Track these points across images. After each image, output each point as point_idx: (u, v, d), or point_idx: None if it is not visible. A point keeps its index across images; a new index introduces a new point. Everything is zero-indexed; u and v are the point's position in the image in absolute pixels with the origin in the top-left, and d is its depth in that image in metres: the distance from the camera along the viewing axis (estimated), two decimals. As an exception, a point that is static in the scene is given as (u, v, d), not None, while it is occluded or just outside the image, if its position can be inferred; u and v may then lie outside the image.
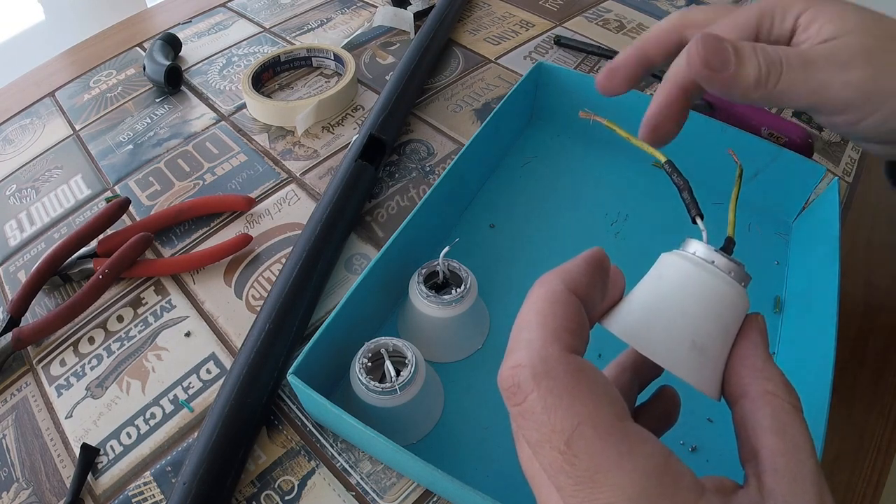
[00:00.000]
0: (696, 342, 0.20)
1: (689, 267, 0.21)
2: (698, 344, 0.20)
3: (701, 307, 0.20)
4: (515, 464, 0.33)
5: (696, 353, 0.20)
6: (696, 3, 0.71)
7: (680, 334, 0.20)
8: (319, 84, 0.60)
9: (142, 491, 0.33)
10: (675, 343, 0.20)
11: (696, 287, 0.20)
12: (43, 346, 0.40)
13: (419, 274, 0.36)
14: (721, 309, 0.20)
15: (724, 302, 0.20)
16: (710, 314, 0.20)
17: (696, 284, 0.20)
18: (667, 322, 0.20)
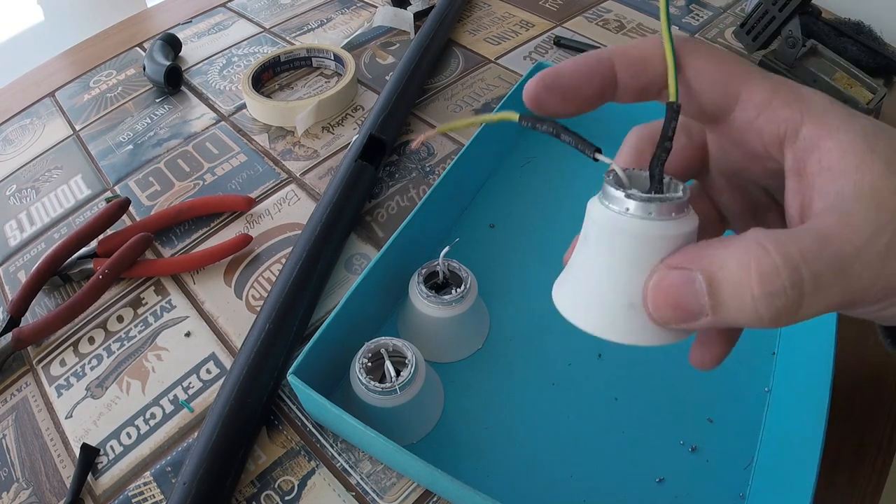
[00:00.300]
0: (633, 303, 0.19)
1: (606, 224, 0.19)
2: (636, 304, 0.19)
3: (628, 267, 0.19)
4: (515, 464, 0.33)
5: (635, 314, 0.19)
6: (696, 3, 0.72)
7: (614, 301, 0.19)
8: (319, 84, 0.60)
9: (142, 491, 0.33)
10: (612, 312, 0.19)
11: (617, 248, 0.19)
12: (43, 346, 0.40)
13: (419, 274, 0.36)
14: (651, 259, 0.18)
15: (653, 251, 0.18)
16: (641, 270, 0.18)
17: (617, 245, 0.19)
18: (599, 292, 0.19)
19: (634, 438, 0.34)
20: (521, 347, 0.38)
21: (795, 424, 0.31)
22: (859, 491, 0.33)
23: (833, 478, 0.34)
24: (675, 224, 0.18)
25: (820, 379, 0.31)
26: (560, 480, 0.33)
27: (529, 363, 0.37)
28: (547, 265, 0.43)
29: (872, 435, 0.36)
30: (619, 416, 0.35)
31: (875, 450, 0.35)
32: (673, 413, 0.35)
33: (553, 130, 0.20)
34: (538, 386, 0.36)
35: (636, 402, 0.36)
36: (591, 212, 0.20)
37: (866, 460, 0.35)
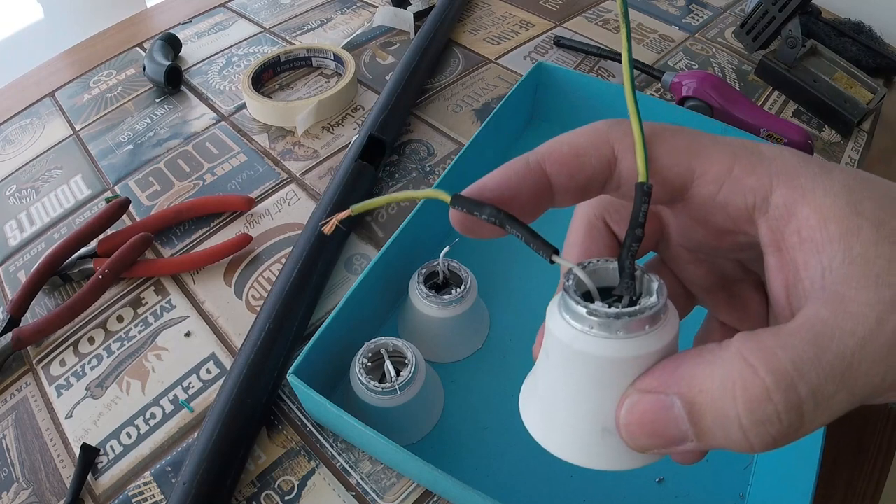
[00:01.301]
0: (606, 429, 0.16)
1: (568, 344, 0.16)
2: (610, 429, 0.16)
3: (598, 390, 0.16)
4: (515, 464, 0.33)
5: (610, 440, 0.17)
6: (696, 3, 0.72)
7: (586, 427, 0.17)
8: (319, 84, 0.60)
9: (142, 491, 0.33)
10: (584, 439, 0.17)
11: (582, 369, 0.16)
12: (43, 346, 0.40)
13: (419, 274, 0.36)
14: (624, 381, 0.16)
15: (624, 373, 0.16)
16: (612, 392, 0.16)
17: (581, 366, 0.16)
18: (568, 418, 0.17)
19: (634, 438, 0.34)
20: (521, 347, 0.38)
21: (795, 424, 0.31)
22: (859, 491, 0.33)
23: (833, 478, 0.34)
24: (647, 340, 0.15)
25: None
26: (560, 480, 0.33)
27: (529, 363, 0.37)
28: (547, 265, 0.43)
29: (872, 435, 0.36)
30: (619, 416, 0.35)
31: (875, 450, 0.35)
32: (673, 413, 0.35)
33: (496, 219, 0.17)
34: (538, 386, 0.36)
35: (636, 402, 0.36)
36: (549, 325, 0.17)
37: (866, 460, 0.35)
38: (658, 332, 0.16)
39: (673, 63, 0.62)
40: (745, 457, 0.33)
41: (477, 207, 0.18)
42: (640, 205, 0.17)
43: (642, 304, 0.16)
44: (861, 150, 0.54)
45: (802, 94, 0.57)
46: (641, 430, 0.16)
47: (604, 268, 0.17)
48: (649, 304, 0.15)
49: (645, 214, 0.17)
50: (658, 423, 0.15)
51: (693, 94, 0.52)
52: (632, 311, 0.15)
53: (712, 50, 0.64)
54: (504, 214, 0.17)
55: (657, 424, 0.15)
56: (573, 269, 0.17)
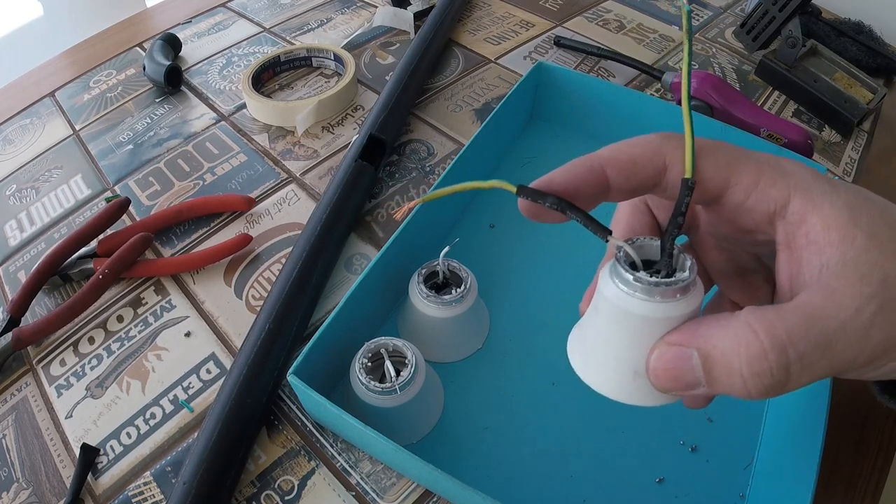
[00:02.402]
0: (637, 371, 0.21)
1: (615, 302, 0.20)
2: (640, 372, 0.21)
3: (633, 341, 0.20)
4: (515, 464, 0.33)
5: (640, 381, 0.21)
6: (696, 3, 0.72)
7: (622, 369, 0.21)
8: (319, 84, 0.60)
9: (142, 491, 0.33)
10: (620, 378, 0.21)
11: (624, 323, 0.20)
12: (43, 346, 0.40)
13: (419, 274, 0.36)
14: (654, 335, 0.20)
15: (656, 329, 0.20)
16: (645, 344, 0.20)
17: (625, 321, 0.20)
18: (608, 361, 0.21)
19: (634, 438, 0.34)
20: (521, 347, 0.38)
21: (795, 424, 0.31)
22: (859, 491, 0.33)
23: (833, 478, 0.34)
24: (678, 305, 0.20)
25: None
26: (560, 480, 0.33)
27: (529, 363, 0.37)
28: (547, 265, 0.43)
29: (872, 435, 0.36)
30: (619, 416, 0.35)
31: (875, 450, 0.35)
32: (673, 413, 0.35)
33: (558, 206, 0.21)
34: (538, 386, 0.36)
35: (636, 402, 0.36)
36: (601, 287, 0.21)
37: (866, 460, 0.35)
38: (686, 300, 0.20)
39: (673, 63, 0.62)
40: (746, 457, 0.33)
41: (541, 197, 0.21)
42: (684, 198, 0.21)
43: (677, 276, 0.20)
44: (861, 150, 0.54)
45: (802, 94, 0.57)
46: (665, 374, 0.20)
47: (647, 244, 0.21)
48: (682, 278, 0.20)
49: (687, 206, 0.21)
50: (679, 369, 0.19)
51: (693, 94, 0.52)
52: (668, 281, 0.19)
53: (712, 50, 0.64)
54: (565, 202, 0.21)
55: (678, 371, 0.19)
56: (624, 247, 0.21)
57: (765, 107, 0.56)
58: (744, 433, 0.34)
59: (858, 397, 0.37)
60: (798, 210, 0.21)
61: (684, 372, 0.19)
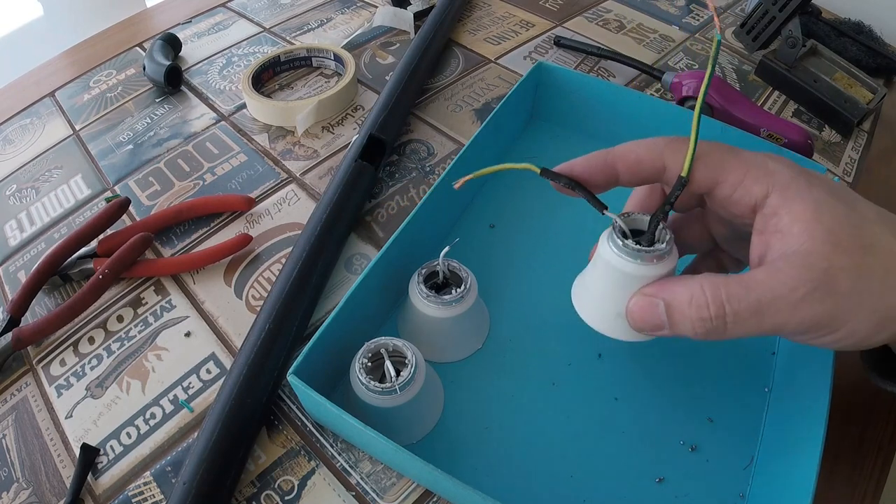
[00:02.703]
0: (619, 313, 0.28)
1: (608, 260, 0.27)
2: (621, 314, 0.28)
3: (618, 290, 0.27)
4: (516, 464, 0.33)
5: (619, 320, 0.28)
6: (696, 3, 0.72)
7: (608, 310, 0.28)
8: (319, 84, 0.60)
9: (142, 491, 0.33)
10: (605, 316, 0.29)
11: (613, 276, 0.27)
12: (43, 346, 0.40)
13: (419, 274, 0.36)
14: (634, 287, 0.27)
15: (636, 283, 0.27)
16: (626, 293, 0.27)
17: (613, 274, 0.27)
18: (598, 303, 0.29)
19: (634, 438, 0.34)
20: (521, 347, 0.38)
21: (795, 424, 0.31)
22: (859, 491, 0.33)
23: (833, 478, 0.34)
24: (654, 268, 0.26)
25: (820, 379, 0.31)
26: (560, 480, 0.33)
27: (529, 363, 0.37)
28: (546, 265, 0.43)
29: (872, 435, 0.36)
30: (619, 416, 0.35)
31: (875, 449, 0.35)
32: (673, 413, 0.35)
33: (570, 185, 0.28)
34: (538, 386, 0.36)
35: (636, 402, 0.36)
36: (600, 247, 0.28)
37: (866, 460, 0.35)
38: (661, 265, 0.26)
39: (673, 63, 0.62)
40: (746, 457, 0.33)
41: (557, 177, 0.28)
42: (675, 191, 0.27)
43: (656, 247, 0.26)
44: (861, 150, 0.54)
45: (802, 94, 0.57)
46: (639, 316, 0.27)
47: (640, 218, 0.28)
48: (660, 248, 0.26)
49: (676, 198, 0.27)
50: (648, 313, 0.26)
51: (693, 94, 0.52)
52: (648, 250, 0.26)
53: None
54: (574, 183, 0.28)
55: (647, 314, 0.26)
56: (617, 220, 0.27)
57: (765, 107, 0.56)
58: (744, 433, 0.34)
59: (859, 397, 0.37)
60: (773, 204, 0.25)
61: (652, 316, 0.26)
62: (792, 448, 0.30)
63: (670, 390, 0.36)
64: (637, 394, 0.36)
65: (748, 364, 0.37)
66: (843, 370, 0.32)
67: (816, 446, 0.28)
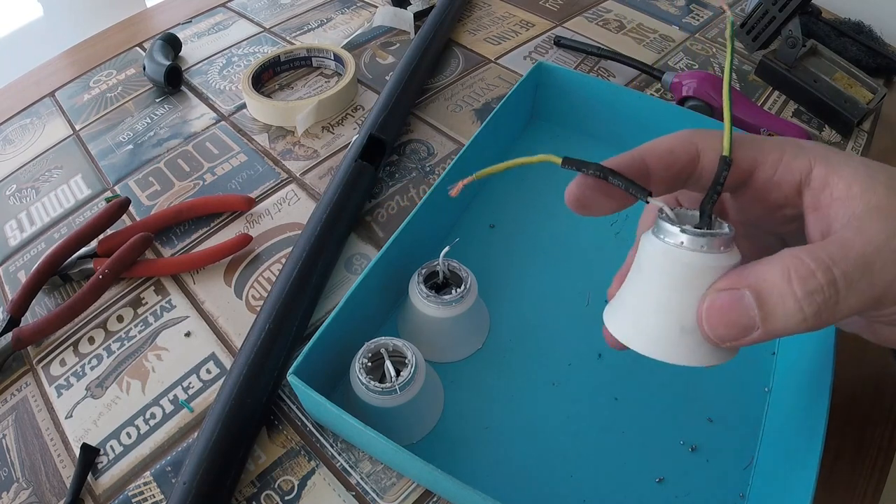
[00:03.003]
0: (684, 327, 0.21)
1: (661, 256, 0.21)
2: (687, 328, 0.21)
3: (680, 294, 0.21)
4: (516, 464, 0.33)
5: (686, 337, 0.21)
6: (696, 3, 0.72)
7: (667, 326, 0.21)
8: (319, 84, 0.60)
9: (142, 491, 0.33)
10: (665, 337, 0.21)
11: (671, 277, 0.21)
12: (43, 346, 0.40)
13: (419, 274, 0.36)
14: (702, 286, 0.21)
15: (704, 280, 0.20)
16: (692, 297, 0.21)
17: (670, 274, 0.21)
18: (654, 319, 0.21)
19: (634, 438, 0.34)
20: (521, 347, 0.38)
21: (795, 424, 0.31)
22: (859, 491, 0.33)
23: (833, 478, 0.34)
24: (723, 256, 0.20)
25: (820, 379, 0.31)
26: (560, 480, 0.33)
27: (529, 363, 0.37)
28: (547, 265, 0.43)
29: (872, 435, 0.36)
30: (619, 416, 0.35)
31: (875, 450, 0.35)
32: (673, 413, 0.35)
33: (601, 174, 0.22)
34: (538, 386, 0.36)
35: (636, 402, 0.36)
36: (645, 245, 0.22)
37: (866, 460, 0.35)
38: (728, 254, 0.21)
39: (673, 63, 0.62)
40: (746, 457, 0.33)
41: (585, 166, 0.22)
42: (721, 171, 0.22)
43: (720, 230, 0.21)
44: (861, 150, 0.54)
45: (802, 94, 0.57)
46: (720, 320, 0.20)
47: (683, 213, 0.22)
48: (724, 231, 0.21)
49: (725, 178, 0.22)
50: (733, 312, 0.20)
51: (693, 94, 0.52)
52: (714, 232, 0.20)
53: (712, 50, 0.64)
54: (607, 170, 0.22)
55: (732, 314, 0.20)
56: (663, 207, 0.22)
57: (765, 107, 0.56)
58: (744, 433, 0.34)
59: (859, 398, 0.37)
60: (820, 175, 0.23)
61: (739, 314, 0.20)
62: (792, 448, 0.30)
63: (670, 390, 0.36)
64: (637, 394, 0.36)
65: (748, 364, 0.37)
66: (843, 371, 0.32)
67: (816, 446, 0.28)
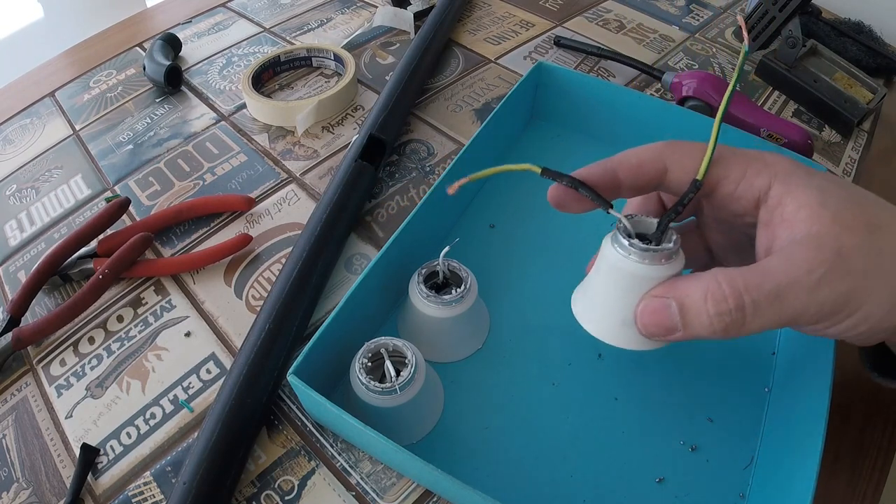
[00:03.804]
0: (624, 320, 0.26)
1: (612, 262, 0.26)
2: (627, 321, 0.26)
3: (624, 295, 0.26)
4: (515, 464, 0.33)
5: (626, 328, 0.26)
6: (696, 3, 0.72)
7: (614, 317, 0.26)
8: (319, 84, 0.60)
9: (142, 491, 0.33)
10: (611, 325, 0.27)
11: (619, 280, 0.26)
12: (43, 346, 0.40)
13: (419, 274, 0.36)
14: (641, 291, 0.25)
15: (643, 286, 0.25)
16: (633, 298, 0.26)
17: (619, 278, 0.26)
18: (603, 310, 0.27)
19: (634, 438, 0.34)
20: (521, 347, 0.38)
21: (795, 424, 0.31)
22: (859, 491, 0.33)
23: (833, 478, 0.34)
24: (662, 268, 0.25)
25: (820, 379, 0.31)
26: (560, 480, 0.33)
27: (529, 363, 0.37)
28: (547, 265, 0.43)
29: (872, 435, 0.36)
30: (619, 416, 0.35)
31: (875, 450, 0.35)
32: (673, 413, 0.35)
33: (573, 185, 0.27)
34: (538, 386, 0.36)
35: (636, 402, 0.36)
36: (603, 249, 0.26)
37: (866, 460, 0.35)
38: (669, 265, 0.25)
39: (673, 63, 0.62)
40: (745, 457, 0.33)
41: (559, 177, 0.27)
42: (688, 193, 0.26)
43: (664, 245, 0.25)
44: (861, 150, 0.54)
45: (802, 94, 0.57)
46: (651, 320, 0.25)
47: (643, 221, 0.27)
48: (668, 247, 0.25)
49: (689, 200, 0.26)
50: (661, 316, 0.24)
51: (693, 94, 0.52)
52: (656, 248, 0.25)
53: (712, 50, 0.64)
54: (577, 181, 0.27)
55: (660, 317, 0.25)
56: (622, 220, 0.26)
57: (765, 107, 0.56)
58: (744, 433, 0.34)
59: (859, 397, 0.37)
60: (776, 194, 0.25)
61: (665, 318, 0.24)
62: (792, 448, 0.30)
63: (670, 390, 0.36)
64: (637, 394, 0.36)
65: (748, 364, 0.37)
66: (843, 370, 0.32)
67: (816, 446, 0.28)
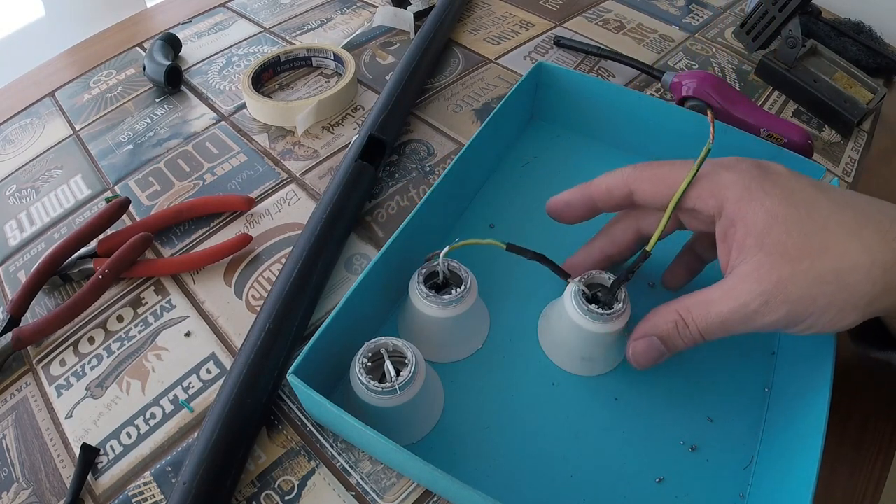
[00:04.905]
0: (583, 357, 0.35)
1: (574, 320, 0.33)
2: (586, 357, 0.35)
3: (580, 341, 0.34)
4: (516, 464, 0.34)
5: (586, 363, 0.36)
6: (696, 3, 0.72)
7: (574, 355, 0.36)
8: (319, 84, 0.60)
9: (142, 491, 0.33)
10: (573, 360, 0.36)
11: (579, 333, 0.33)
12: (43, 346, 0.40)
13: (419, 274, 0.36)
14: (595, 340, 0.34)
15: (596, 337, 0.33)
16: (587, 342, 0.34)
17: (578, 332, 0.33)
18: (565, 349, 0.36)
19: (634, 438, 0.34)
20: (521, 347, 0.38)
21: (795, 424, 0.31)
22: (859, 491, 0.33)
23: (833, 478, 0.34)
24: (611, 324, 0.33)
25: (820, 379, 0.31)
26: (560, 480, 0.33)
27: (529, 363, 0.37)
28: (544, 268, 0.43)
29: (872, 435, 0.36)
30: (619, 416, 0.35)
31: (875, 450, 0.35)
32: (673, 413, 0.35)
33: (536, 258, 0.34)
34: (538, 386, 0.36)
35: (636, 402, 0.36)
36: (566, 303, 0.34)
37: (866, 460, 0.35)
38: (618, 321, 0.33)
39: (673, 63, 0.62)
40: (745, 457, 0.33)
41: (523, 252, 0.34)
42: (638, 262, 0.32)
43: (615, 308, 0.33)
44: (861, 150, 0.54)
45: (802, 94, 0.57)
46: (644, 357, 0.32)
47: (599, 276, 0.34)
48: (617, 309, 0.33)
49: (638, 267, 0.33)
50: (651, 351, 0.31)
51: (693, 94, 0.52)
52: (608, 313, 0.33)
53: (712, 50, 0.64)
54: (539, 255, 0.34)
55: (651, 352, 0.31)
56: (580, 287, 0.34)
57: (765, 107, 0.56)
58: (744, 433, 0.34)
59: (859, 398, 0.37)
60: (729, 215, 0.28)
61: (654, 350, 0.31)
62: (792, 448, 0.30)
63: (670, 390, 0.36)
64: (637, 394, 0.36)
65: (748, 364, 0.37)
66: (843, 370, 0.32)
67: (816, 446, 0.28)
